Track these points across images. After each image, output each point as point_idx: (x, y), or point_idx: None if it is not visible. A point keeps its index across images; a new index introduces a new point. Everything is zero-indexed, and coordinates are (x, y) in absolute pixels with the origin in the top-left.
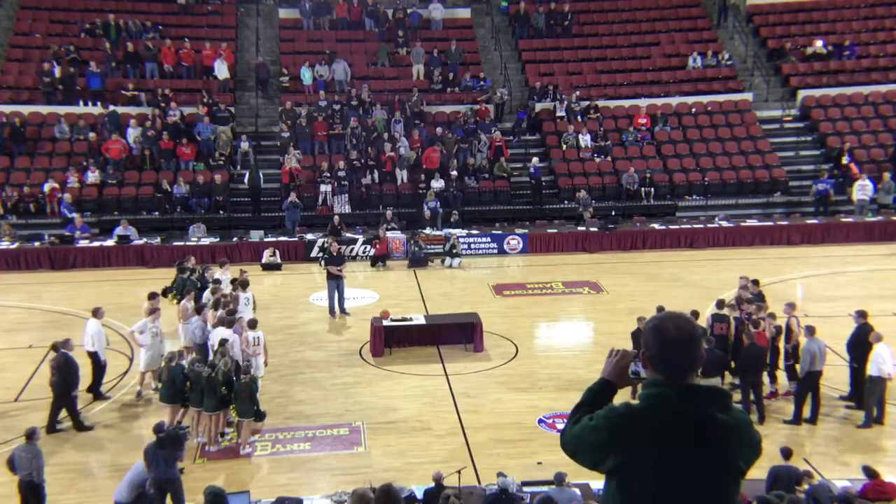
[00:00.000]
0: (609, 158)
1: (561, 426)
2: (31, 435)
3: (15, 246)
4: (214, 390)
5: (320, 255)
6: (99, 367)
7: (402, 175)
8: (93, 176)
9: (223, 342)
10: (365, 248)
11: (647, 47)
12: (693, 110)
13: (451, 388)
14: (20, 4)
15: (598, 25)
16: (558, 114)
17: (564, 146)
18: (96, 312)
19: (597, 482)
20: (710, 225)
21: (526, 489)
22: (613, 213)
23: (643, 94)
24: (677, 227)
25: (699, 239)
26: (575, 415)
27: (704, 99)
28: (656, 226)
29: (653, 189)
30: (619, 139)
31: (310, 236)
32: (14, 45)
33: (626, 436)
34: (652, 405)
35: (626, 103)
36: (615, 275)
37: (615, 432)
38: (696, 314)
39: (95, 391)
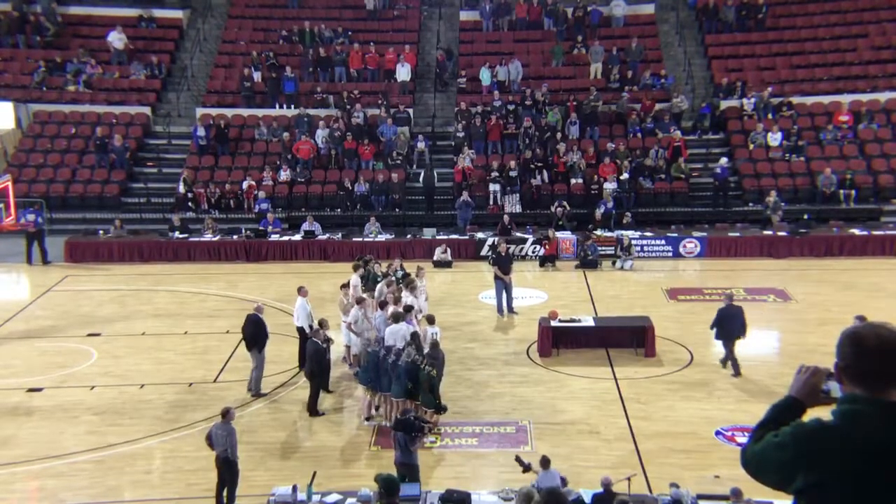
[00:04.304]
0: (803, 158)
1: (741, 440)
2: (225, 414)
3: (216, 239)
4: (400, 378)
5: (489, 254)
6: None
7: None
8: (285, 174)
9: (415, 335)
10: (534, 247)
11: (852, 39)
12: None
13: (620, 393)
14: (228, 14)
15: (796, 17)
16: (746, 111)
17: (752, 145)
18: (301, 290)
19: (781, 501)
20: None
21: (702, 503)
22: (806, 216)
23: (846, 90)
24: (882, 232)
25: None
26: (758, 432)
27: None
28: (856, 231)
29: (853, 191)
30: (814, 138)
31: (480, 235)
32: (222, 52)
33: (816, 455)
34: (847, 423)
35: (826, 99)
36: (805, 282)
37: (804, 450)
38: None
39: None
